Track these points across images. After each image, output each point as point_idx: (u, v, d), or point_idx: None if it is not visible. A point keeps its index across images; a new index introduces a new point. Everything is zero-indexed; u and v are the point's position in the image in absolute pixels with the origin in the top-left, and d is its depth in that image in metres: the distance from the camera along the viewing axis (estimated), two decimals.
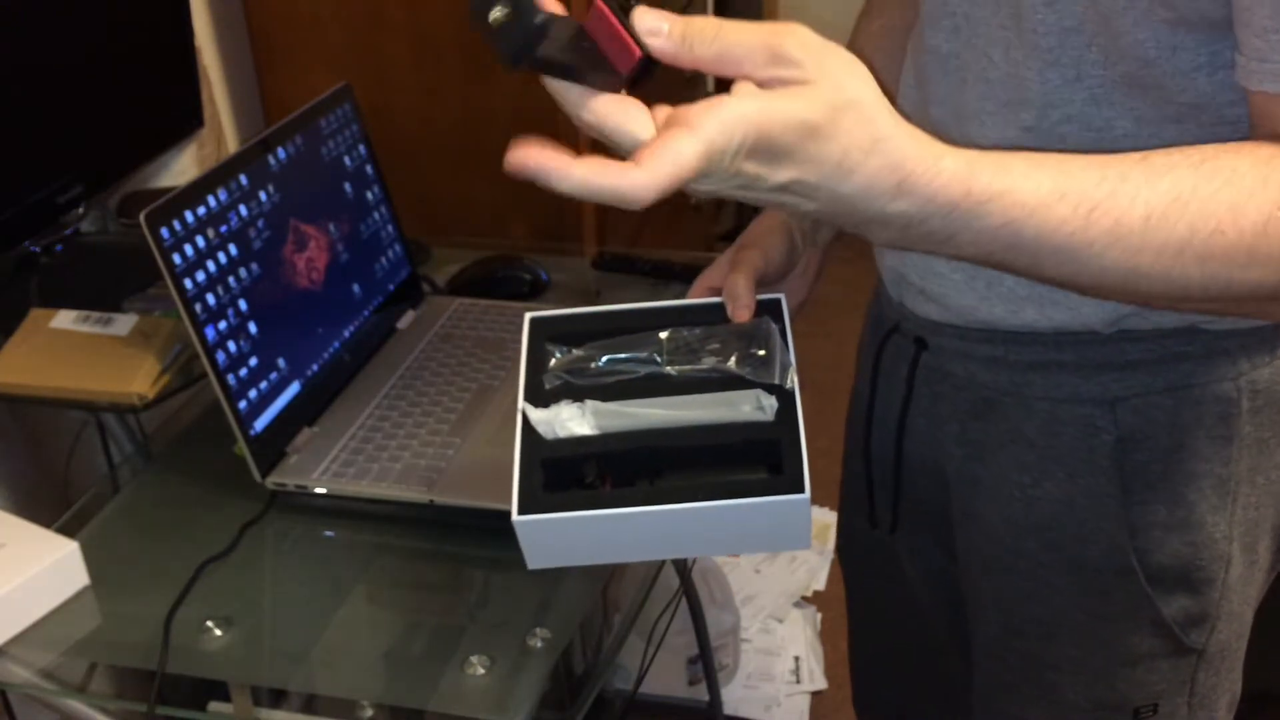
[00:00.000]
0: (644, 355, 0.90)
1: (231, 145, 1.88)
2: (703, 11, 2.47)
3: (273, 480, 1.16)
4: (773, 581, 2.29)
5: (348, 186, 1.36)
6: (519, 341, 1.36)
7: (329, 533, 1.14)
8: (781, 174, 0.64)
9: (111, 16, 1.51)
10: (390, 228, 1.43)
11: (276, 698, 1.03)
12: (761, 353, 0.87)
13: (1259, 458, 0.89)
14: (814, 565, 2.33)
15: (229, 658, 1.02)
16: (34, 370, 1.26)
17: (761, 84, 0.63)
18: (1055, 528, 0.91)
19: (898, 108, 0.79)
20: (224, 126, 1.87)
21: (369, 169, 1.41)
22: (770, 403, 0.85)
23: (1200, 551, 0.89)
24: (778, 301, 0.93)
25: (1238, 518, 0.90)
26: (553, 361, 0.92)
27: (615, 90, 0.67)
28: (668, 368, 0.89)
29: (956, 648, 1.06)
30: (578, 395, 0.88)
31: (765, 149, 0.63)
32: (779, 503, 0.81)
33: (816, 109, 0.62)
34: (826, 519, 2.43)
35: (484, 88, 1.77)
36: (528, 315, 0.95)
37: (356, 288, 1.34)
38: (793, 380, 0.85)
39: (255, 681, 1.02)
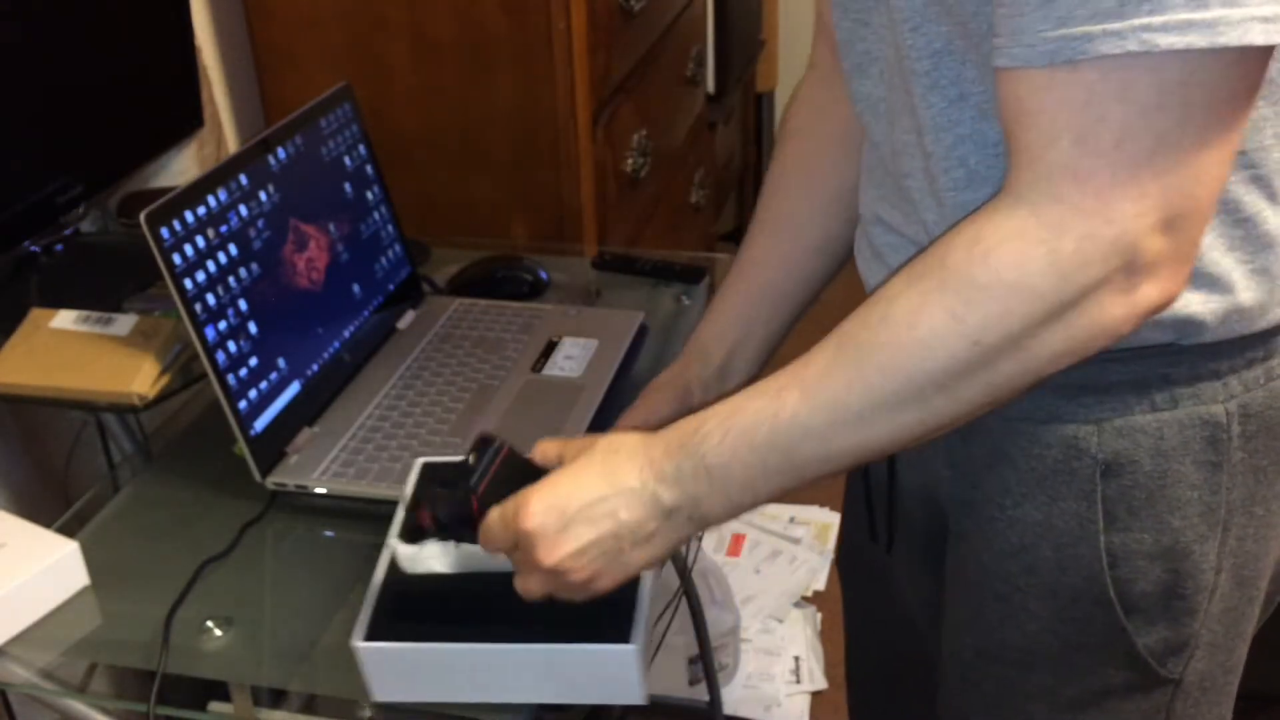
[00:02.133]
0: None
1: (231, 145, 1.88)
2: (702, 11, 2.47)
3: (273, 480, 1.16)
4: (773, 581, 2.29)
5: (348, 186, 1.36)
6: (519, 341, 1.37)
7: (329, 533, 1.14)
8: (575, 499, 0.81)
9: (112, 17, 1.51)
10: (390, 228, 1.43)
11: (276, 698, 1.03)
12: None
13: (1256, 487, 0.86)
14: (814, 565, 2.33)
15: (229, 658, 1.02)
16: (34, 370, 1.26)
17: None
18: (1034, 551, 0.89)
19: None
20: (224, 126, 1.87)
21: (369, 169, 1.41)
22: None
23: (1184, 580, 0.87)
24: None
25: (1230, 548, 0.87)
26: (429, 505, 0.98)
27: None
28: None
29: (941, 671, 1.05)
30: (447, 539, 0.94)
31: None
32: (605, 651, 0.88)
33: (576, 456, 0.83)
34: (827, 519, 2.43)
35: (484, 88, 1.77)
36: (419, 461, 1.03)
37: (356, 288, 1.34)
38: None
39: (255, 681, 1.02)
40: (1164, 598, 0.88)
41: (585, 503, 0.80)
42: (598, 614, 0.89)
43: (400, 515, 0.99)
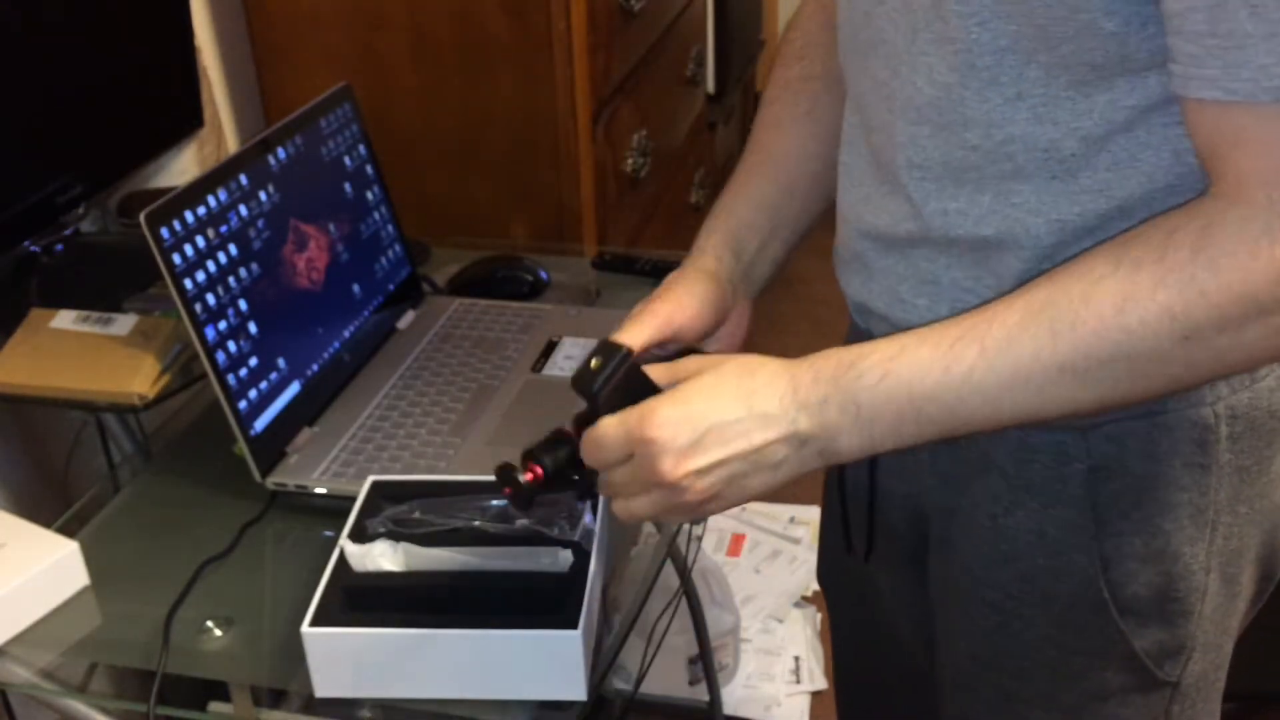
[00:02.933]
0: (465, 517, 1.00)
1: (231, 145, 1.88)
2: (702, 11, 2.47)
3: (273, 480, 1.16)
4: (773, 581, 2.29)
5: (348, 186, 1.36)
6: (519, 341, 1.37)
7: (329, 533, 1.14)
8: (707, 418, 0.77)
9: (112, 17, 1.51)
10: (390, 228, 1.43)
11: (276, 698, 1.03)
12: (568, 518, 0.98)
13: (1240, 486, 0.87)
14: (814, 565, 2.32)
15: (229, 658, 1.02)
16: (34, 370, 1.26)
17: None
18: (1027, 559, 0.89)
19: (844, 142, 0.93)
20: (224, 126, 1.87)
21: (369, 169, 1.40)
22: (566, 556, 0.96)
23: (1176, 583, 0.87)
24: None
25: (1217, 547, 0.88)
26: (383, 512, 1.02)
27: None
28: (475, 522, 0.99)
29: (937, 678, 1.05)
30: (399, 539, 0.98)
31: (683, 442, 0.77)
32: (550, 637, 0.90)
33: (712, 373, 0.79)
34: None
35: (484, 88, 1.77)
36: (370, 479, 1.07)
37: (356, 288, 1.34)
38: (591, 543, 0.96)
39: (255, 681, 1.02)
40: (1158, 601, 0.88)
41: (720, 420, 0.77)
42: (542, 605, 0.92)
43: (351, 519, 1.02)
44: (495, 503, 1.01)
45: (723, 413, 0.77)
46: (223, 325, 1.13)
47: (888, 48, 0.84)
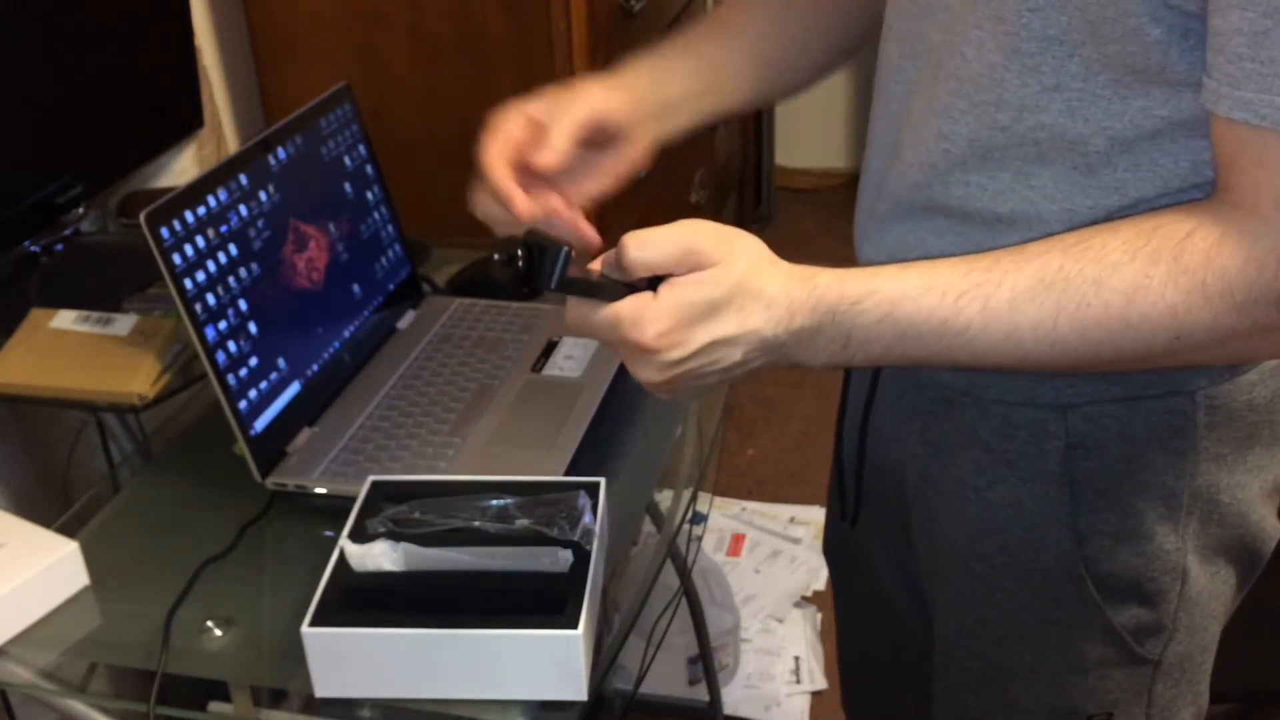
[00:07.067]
0: (465, 517, 1.00)
1: (231, 145, 1.88)
2: (702, 10, 2.47)
3: (273, 480, 1.16)
4: (773, 581, 2.29)
5: (348, 186, 1.36)
6: (519, 341, 1.37)
7: (329, 533, 1.14)
8: (701, 335, 0.78)
9: (112, 16, 1.51)
10: (390, 228, 1.43)
11: (276, 698, 1.03)
12: (568, 518, 0.98)
13: (1218, 474, 0.88)
14: (814, 565, 2.33)
15: (229, 658, 1.02)
16: (34, 370, 1.26)
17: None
18: (1007, 531, 0.91)
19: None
20: (224, 126, 1.87)
21: (369, 169, 1.40)
22: (566, 556, 0.96)
23: (1151, 563, 0.89)
24: (598, 485, 1.04)
25: (1193, 531, 0.89)
26: (383, 512, 1.03)
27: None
28: (475, 522, 0.99)
29: (932, 647, 1.06)
30: (399, 539, 0.98)
31: (683, 322, 0.78)
32: (550, 637, 0.91)
33: (717, 285, 0.77)
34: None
35: (484, 88, 1.77)
36: (370, 479, 1.08)
37: (356, 288, 1.34)
38: (591, 543, 0.97)
39: (255, 681, 1.02)
40: (1134, 579, 0.90)
41: (712, 340, 0.78)
42: (542, 606, 0.92)
43: (352, 519, 1.02)
44: (495, 503, 1.01)
45: (716, 330, 0.78)
46: (223, 325, 1.13)
47: (947, 14, 0.85)
